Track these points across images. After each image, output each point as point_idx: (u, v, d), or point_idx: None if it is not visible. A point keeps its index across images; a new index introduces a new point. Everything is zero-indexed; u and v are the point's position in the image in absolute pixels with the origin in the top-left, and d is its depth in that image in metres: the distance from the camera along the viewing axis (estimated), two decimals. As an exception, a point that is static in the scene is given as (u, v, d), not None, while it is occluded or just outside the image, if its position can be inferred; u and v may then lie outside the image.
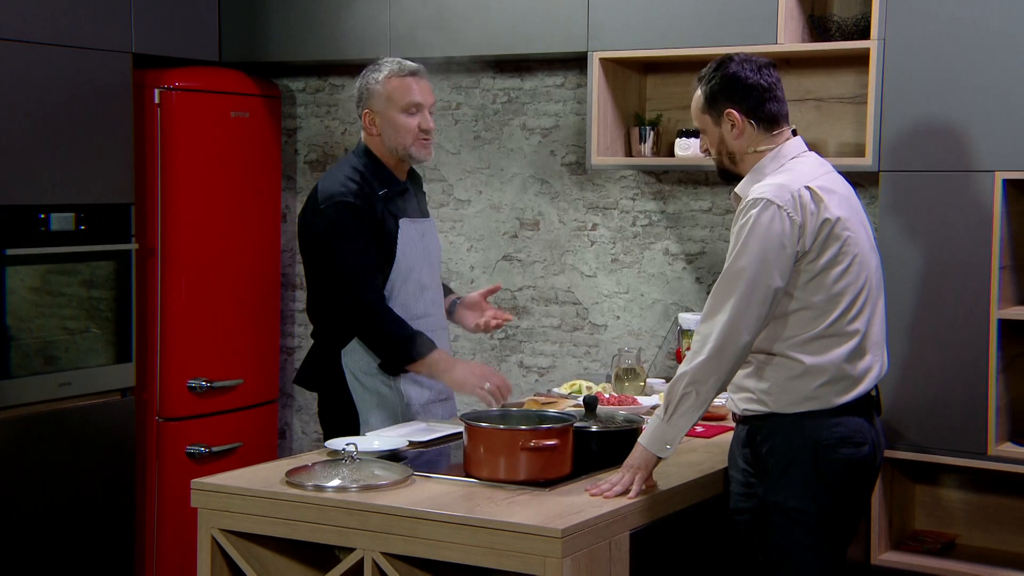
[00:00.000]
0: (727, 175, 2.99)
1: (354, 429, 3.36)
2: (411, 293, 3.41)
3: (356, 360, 3.38)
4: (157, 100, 4.47)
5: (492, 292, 3.66)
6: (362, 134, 3.47)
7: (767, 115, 2.89)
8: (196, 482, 2.86)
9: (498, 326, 3.60)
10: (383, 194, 3.38)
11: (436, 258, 3.57)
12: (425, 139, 3.41)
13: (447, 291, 3.68)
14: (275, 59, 4.73)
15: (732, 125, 2.89)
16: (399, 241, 3.38)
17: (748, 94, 2.87)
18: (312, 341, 3.50)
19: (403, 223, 3.41)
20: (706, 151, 3.00)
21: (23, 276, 4.11)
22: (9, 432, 4.03)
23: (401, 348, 3.30)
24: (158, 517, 4.56)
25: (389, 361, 3.36)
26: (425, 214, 3.56)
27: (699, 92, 2.93)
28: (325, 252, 3.33)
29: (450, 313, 3.63)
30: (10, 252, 4.02)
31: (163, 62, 4.58)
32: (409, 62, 3.46)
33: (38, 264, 4.14)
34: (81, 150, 4.21)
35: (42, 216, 4.12)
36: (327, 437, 3.39)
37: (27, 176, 4.06)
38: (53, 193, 4.15)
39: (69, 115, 4.17)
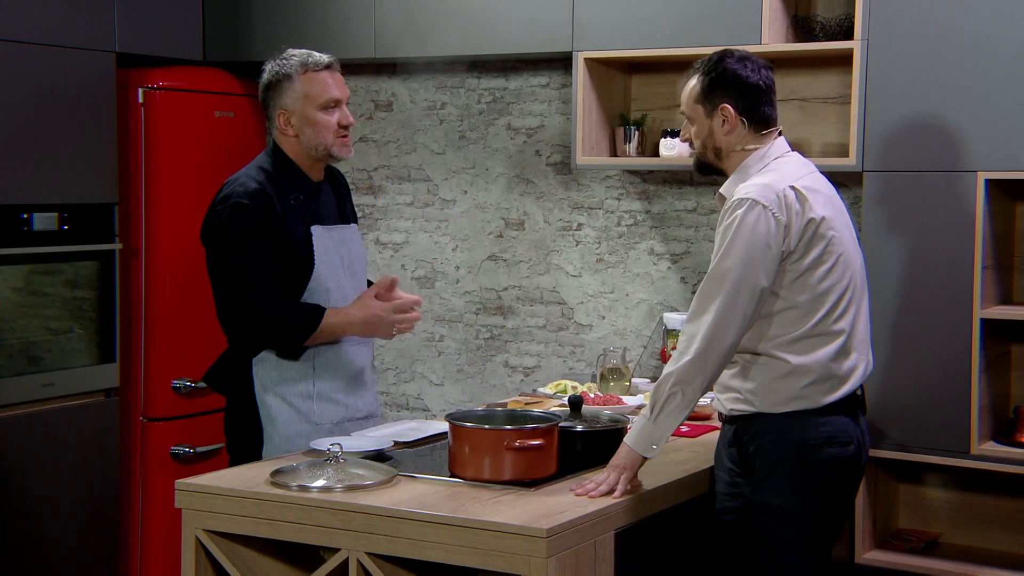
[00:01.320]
0: (706, 169, 2.99)
1: (256, 444, 3.19)
2: (331, 305, 3.18)
3: (267, 369, 3.20)
4: (141, 99, 4.46)
5: (392, 287, 3.27)
6: (274, 133, 3.27)
7: (761, 116, 2.90)
8: (180, 483, 2.85)
9: (406, 325, 3.27)
10: (294, 199, 3.18)
11: (360, 267, 3.36)
12: (344, 136, 3.22)
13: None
14: (260, 58, 4.51)
15: (724, 120, 2.89)
16: (316, 249, 3.19)
17: (747, 93, 2.88)
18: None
19: (315, 230, 3.21)
20: (688, 140, 2.99)
21: (6, 276, 4.09)
22: None
23: (289, 325, 3.11)
24: (142, 518, 4.55)
25: (284, 344, 3.16)
26: (347, 220, 3.36)
27: (695, 81, 2.92)
28: (214, 254, 3.17)
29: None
30: None
31: (147, 61, 4.56)
32: (319, 54, 3.24)
33: (21, 264, 4.12)
34: (64, 150, 4.20)
35: (25, 216, 4.10)
36: (229, 448, 3.29)
37: (10, 176, 4.04)
38: (36, 193, 4.13)
39: (52, 114, 4.15)
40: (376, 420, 3.39)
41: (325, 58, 3.23)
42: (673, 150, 3.99)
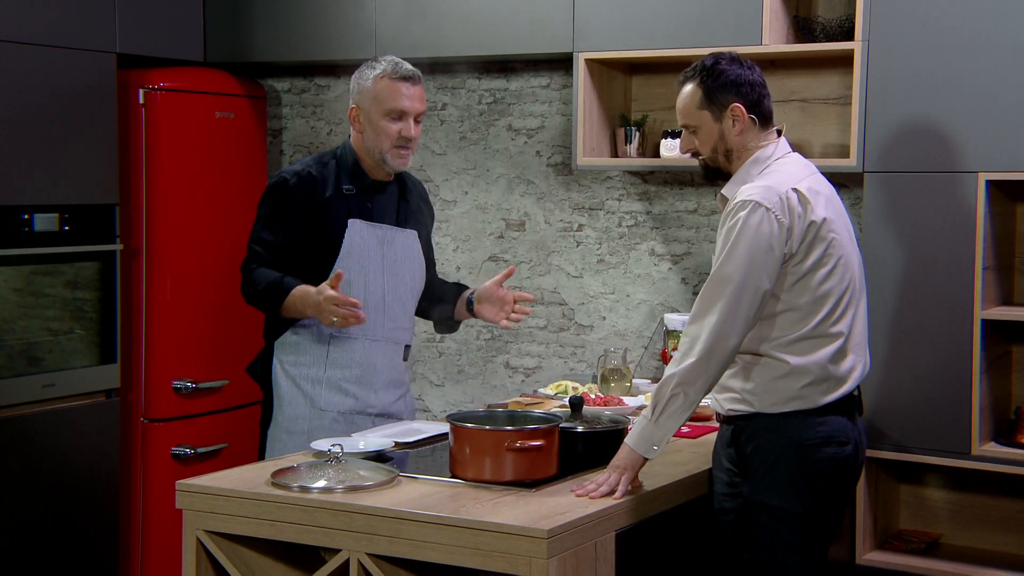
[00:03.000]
0: (714, 174, 2.98)
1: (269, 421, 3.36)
2: (354, 296, 3.23)
3: (286, 352, 3.34)
4: (142, 100, 4.46)
5: (507, 276, 3.46)
6: (350, 129, 3.41)
7: (766, 111, 2.91)
8: (181, 483, 2.84)
9: (518, 319, 3.45)
10: (347, 190, 3.31)
11: (405, 270, 3.40)
12: (403, 148, 3.30)
13: (459, 289, 3.57)
14: (260, 59, 4.71)
15: (735, 120, 2.88)
16: (345, 242, 3.28)
17: (750, 89, 2.89)
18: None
19: (353, 224, 3.30)
20: (689, 151, 2.98)
21: (6, 277, 4.09)
22: None
23: (263, 294, 3.25)
24: (143, 519, 4.55)
25: (264, 310, 3.33)
26: (403, 223, 3.41)
27: (692, 88, 2.91)
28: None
29: (471, 311, 3.48)
30: None
31: (148, 62, 4.56)
32: (407, 65, 3.34)
33: (22, 265, 4.12)
34: (65, 150, 4.20)
35: (26, 216, 4.10)
36: (261, 434, 3.38)
37: (10, 176, 4.04)
38: (37, 193, 4.13)
39: (53, 115, 4.15)
40: (392, 421, 3.40)
41: (408, 70, 3.31)
42: (674, 151, 3.99)
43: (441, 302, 3.55)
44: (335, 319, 3.15)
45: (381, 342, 3.37)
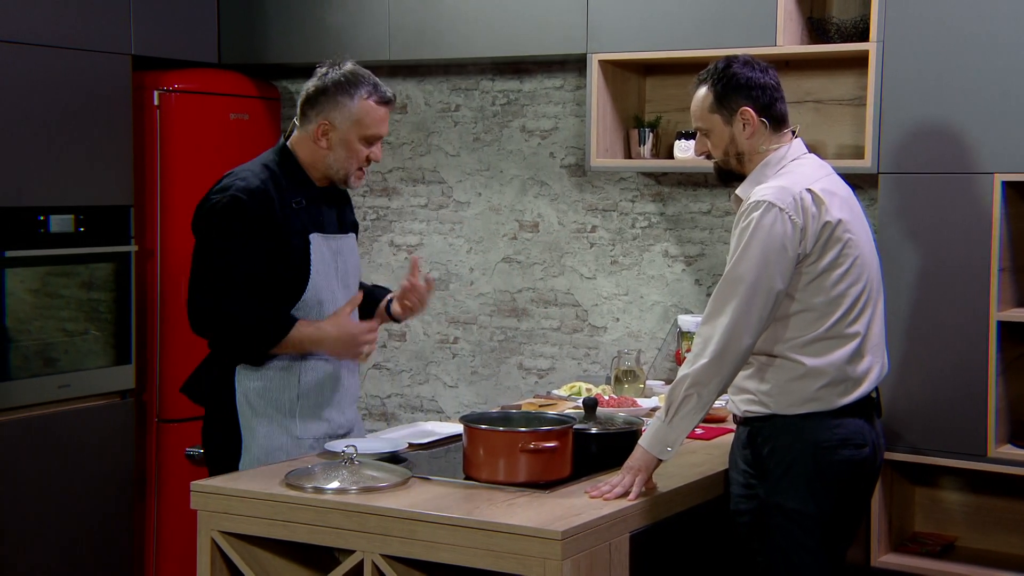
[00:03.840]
0: (727, 176, 2.98)
1: (235, 456, 3.09)
2: (323, 317, 3.10)
3: (251, 379, 3.09)
4: (156, 102, 4.47)
5: (415, 268, 3.24)
6: (294, 134, 3.14)
7: (778, 114, 2.90)
8: (196, 484, 2.84)
9: (420, 298, 3.23)
10: (296, 203, 3.07)
11: (354, 278, 3.25)
12: (364, 169, 3.13)
13: (379, 293, 3.35)
14: (274, 61, 4.71)
15: (745, 124, 2.88)
16: (312, 257, 3.08)
17: (762, 93, 2.88)
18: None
19: (314, 239, 3.10)
20: (703, 154, 2.99)
21: (22, 278, 4.10)
22: (8, 434, 4.02)
23: (256, 332, 3.01)
24: (158, 519, 4.55)
25: (248, 349, 3.06)
26: (345, 229, 3.23)
27: (704, 91, 2.91)
28: (200, 242, 3.06)
29: (390, 314, 3.30)
30: (9, 254, 4.02)
31: (162, 64, 4.57)
32: (384, 88, 3.13)
33: (37, 266, 4.14)
34: (80, 152, 4.21)
35: (41, 218, 4.12)
36: (208, 461, 3.17)
37: (26, 178, 4.06)
38: (52, 195, 4.14)
39: (68, 117, 4.17)
40: (357, 433, 3.28)
41: (389, 93, 3.13)
42: (688, 152, 3.98)
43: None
44: (365, 350, 3.05)
45: (351, 361, 3.19)
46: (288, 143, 3.17)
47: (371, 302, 3.32)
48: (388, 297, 3.34)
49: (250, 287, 3.01)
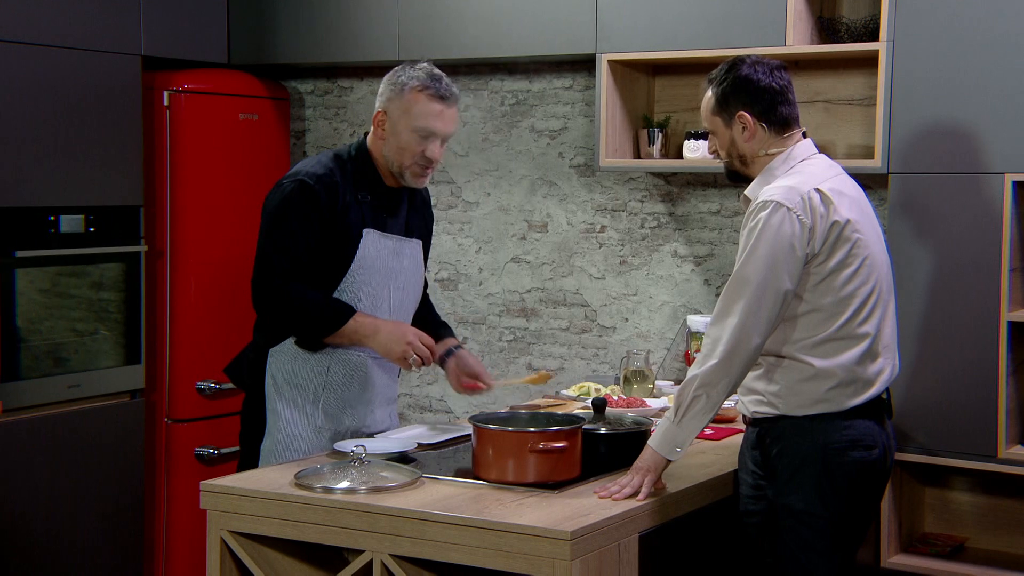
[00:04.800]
0: (736, 177, 2.98)
1: (261, 438, 3.15)
2: (363, 311, 3.10)
3: (281, 364, 3.14)
4: (166, 102, 4.47)
5: (488, 387, 3.26)
6: (370, 128, 3.20)
7: (779, 118, 2.88)
8: (205, 484, 2.85)
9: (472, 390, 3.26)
10: (361, 197, 3.11)
11: (411, 283, 3.25)
12: (425, 167, 3.11)
13: (444, 330, 3.37)
14: (284, 61, 4.71)
15: (743, 128, 2.88)
16: (359, 252, 3.10)
17: (760, 97, 2.86)
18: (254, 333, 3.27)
19: (368, 233, 3.12)
20: (715, 153, 2.99)
21: (32, 278, 4.11)
22: (19, 434, 4.02)
23: (315, 316, 3.04)
24: (167, 519, 4.56)
25: (305, 333, 3.09)
26: (411, 234, 3.24)
27: (710, 93, 2.92)
28: (266, 225, 3.10)
29: (443, 360, 3.27)
30: (20, 254, 4.01)
31: (172, 64, 4.57)
32: (447, 81, 3.11)
33: (48, 266, 4.14)
34: (90, 152, 4.21)
35: (52, 218, 4.12)
36: (241, 442, 3.23)
37: (37, 178, 4.06)
38: (62, 195, 4.14)
39: (78, 117, 4.16)
40: (383, 427, 3.30)
41: (447, 89, 3.09)
42: (697, 152, 3.97)
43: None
44: (414, 359, 3.03)
45: (382, 359, 3.17)
46: (365, 140, 3.20)
47: (424, 326, 3.26)
48: (452, 347, 3.29)
49: (302, 268, 3.05)
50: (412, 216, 3.26)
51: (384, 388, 3.27)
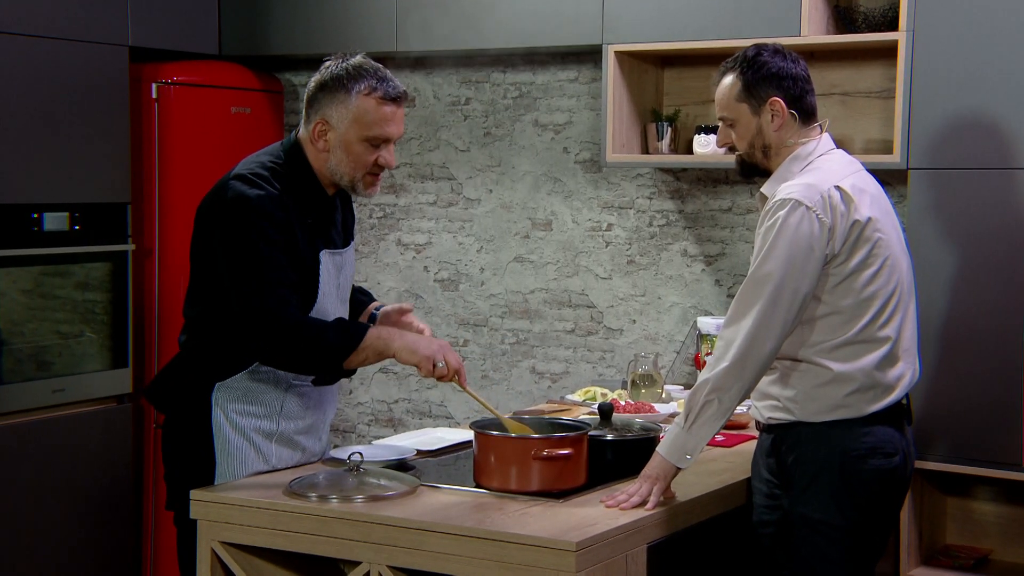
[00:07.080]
0: (750, 171, 2.95)
1: (206, 470, 2.87)
2: None
3: (230, 399, 2.88)
4: (155, 95, 4.47)
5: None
6: (301, 133, 2.90)
7: (808, 107, 2.89)
8: (196, 492, 2.82)
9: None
10: (310, 222, 2.87)
11: (347, 294, 3.06)
12: (376, 175, 2.88)
13: (364, 299, 3.18)
14: (277, 52, 4.73)
15: (774, 115, 2.85)
16: (321, 278, 2.88)
17: (793, 84, 2.86)
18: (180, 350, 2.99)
19: (323, 256, 2.89)
20: (724, 145, 2.96)
21: (15, 278, 4.09)
22: (1, 440, 4.02)
23: (334, 347, 2.78)
24: (156, 528, 4.53)
25: (327, 360, 2.82)
26: (349, 239, 3.03)
27: (732, 79, 2.88)
28: (235, 228, 2.77)
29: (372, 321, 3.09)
30: (1, 253, 3.99)
31: (161, 55, 4.58)
32: (395, 81, 2.87)
33: (31, 266, 4.13)
34: (76, 147, 4.20)
35: (35, 216, 4.10)
36: (169, 476, 2.95)
37: (19, 174, 4.04)
38: (46, 192, 4.13)
39: (63, 110, 4.16)
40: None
41: (398, 89, 2.85)
42: (707, 147, 3.97)
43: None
44: (442, 364, 2.81)
45: (334, 385, 3.03)
46: (299, 141, 2.95)
47: (355, 308, 3.14)
48: (374, 308, 3.15)
49: (296, 290, 2.80)
50: (345, 219, 3.05)
51: (330, 414, 3.12)
